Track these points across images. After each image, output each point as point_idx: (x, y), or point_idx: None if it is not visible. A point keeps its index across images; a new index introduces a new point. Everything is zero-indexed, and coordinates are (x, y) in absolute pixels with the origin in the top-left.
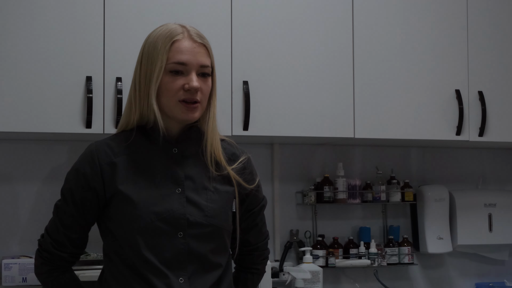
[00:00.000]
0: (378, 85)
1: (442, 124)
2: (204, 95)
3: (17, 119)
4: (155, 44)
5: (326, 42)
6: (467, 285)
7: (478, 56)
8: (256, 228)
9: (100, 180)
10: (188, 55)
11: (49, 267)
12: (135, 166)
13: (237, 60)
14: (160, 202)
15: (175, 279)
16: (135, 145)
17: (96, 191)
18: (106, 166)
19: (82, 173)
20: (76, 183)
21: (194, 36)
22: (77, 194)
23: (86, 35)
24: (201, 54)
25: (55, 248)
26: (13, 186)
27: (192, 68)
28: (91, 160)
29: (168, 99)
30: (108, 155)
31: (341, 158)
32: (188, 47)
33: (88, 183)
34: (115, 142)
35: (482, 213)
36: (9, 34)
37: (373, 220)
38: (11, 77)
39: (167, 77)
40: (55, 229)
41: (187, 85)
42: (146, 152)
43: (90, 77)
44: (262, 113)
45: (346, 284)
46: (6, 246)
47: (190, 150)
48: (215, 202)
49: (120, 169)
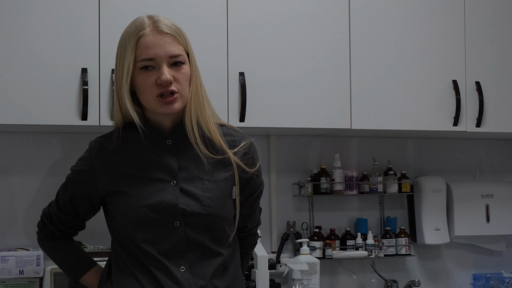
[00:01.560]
0: (375, 76)
1: (439, 114)
2: (181, 84)
3: (13, 111)
4: (124, 43)
5: (323, 33)
6: (464, 276)
7: (475, 46)
8: (254, 214)
9: (92, 178)
10: (155, 48)
11: (43, 233)
12: (130, 161)
13: (233, 51)
14: (154, 195)
15: (176, 268)
16: (128, 141)
17: (87, 187)
18: (98, 164)
19: (78, 170)
20: (73, 177)
21: (160, 26)
22: (71, 187)
23: (81, 26)
24: (168, 44)
25: (47, 218)
26: (8, 178)
27: (162, 61)
28: (87, 158)
29: (146, 96)
30: (101, 153)
31: (337, 149)
32: (153, 41)
33: (80, 180)
34: (109, 140)
35: (479, 204)
36: (4, 26)
37: (370, 212)
38: (6, 69)
39: (140, 75)
40: (53, 202)
41: (158, 80)
42: (139, 147)
43: (86, 69)
44: (258, 105)
45: (343, 276)
46: (2, 238)
47: (184, 141)
48: (211, 191)
49: (114, 166)
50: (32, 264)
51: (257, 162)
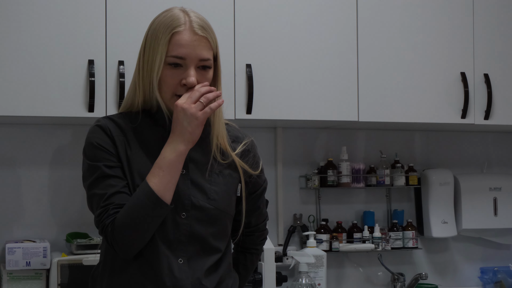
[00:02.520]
0: (383, 68)
1: (447, 107)
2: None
3: (20, 103)
4: (157, 34)
5: (330, 25)
6: (472, 269)
7: (484, 38)
8: (258, 210)
9: (115, 148)
10: (187, 49)
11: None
12: (141, 146)
13: (240, 43)
14: None
15: (174, 260)
16: (141, 126)
17: (114, 156)
18: (117, 139)
19: (99, 143)
20: (97, 152)
21: (195, 28)
22: (103, 159)
23: (88, 18)
24: (201, 47)
25: (102, 213)
26: (16, 170)
27: (191, 62)
28: (103, 132)
29: (166, 92)
30: (117, 130)
31: (344, 142)
32: (187, 41)
33: (106, 151)
34: (122, 120)
35: (487, 197)
36: (11, 17)
37: (377, 204)
38: (13, 61)
39: (166, 69)
40: (109, 188)
41: (184, 80)
42: (151, 134)
43: (92, 60)
44: (265, 97)
45: (350, 268)
46: (9, 230)
47: None
48: (218, 185)
49: (128, 147)
50: (39, 256)
51: (260, 162)
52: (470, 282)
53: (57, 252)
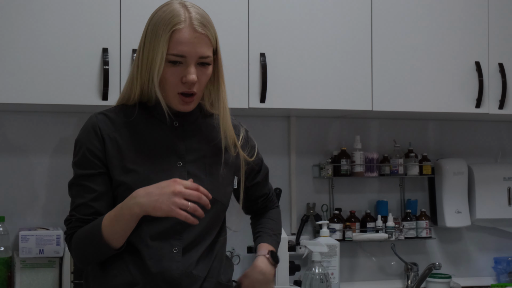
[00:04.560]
0: (397, 57)
1: (461, 96)
2: (201, 85)
3: (34, 91)
4: (157, 30)
5: (344, 13)
6: (486, 259)
7: (498, 28)
8: (267, 196)
9: (102, 150)
10: (188, 47)
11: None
12: (136, 139)
13: (254, 32)
14: (161, 175)
15: (169, 249)
16: (136, 119)
17: (101, 159)
18: (107, 137)
19: (86, 146)
20: (81, 157)
21: (196, 25)
22: (85, 165)
23: (103, 6)
24: (201, 44)
25: (70, 219)
26: (29, 158)
27: (191, 60)
28: (93, 132)
29: (167, 90)
30: (109, 127)
31: (358, 131)
32: (188, 38)
33: (92, 155)
34: (116, 115)
35: (501, 187)
36: (26, 5)
37: (391, 194)
38: (28, 49)
39: (166, 67)
40: (79, 198)
41: (184, 78)
42: (146, 126)
43: (107, 48)
44: (279, 85)
45: (363, 258)
46: (23, 217)
47: (190, 124)
48: (213, 176)
49: (121, 142)
50: (52, 244)
51: (255, 148)
52: (484, 272)
53: None
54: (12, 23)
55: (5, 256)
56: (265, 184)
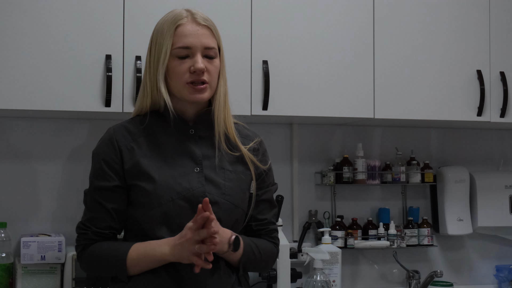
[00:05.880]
0: (399, 65)
1: (463, 104)
2: (212, 76)
3: (37, 97)
4: (161, 30)
5: (347, 22)
6: (487, 267)
7: (500, 36)
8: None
9: (120, 162)
10: (192, 38)
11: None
12: (154, 147)
13: (256, 39)
14: (180, 181)
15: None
16: (151, 127)
17: (117, 172)
18: (125, 149)
19: (103, 158)
20: (97, 169)
21: (198, 19)
22: (102, 177)
23: (106, 13)
24: (205, 36)
25: (83, 227)
26: (32, 164)
27: (197, 50)
28: (110, 144)
29: (176, 82)
30: (127, 138)
31: (360, 138)
32: (191, 30)
33: (109, 167)
34: (132, 125)
35: (502, 195)
36: (29, 12)
37: (393, 201)
38: (31, 55)
39: (174, 61)
40: (84, 211)
41: (192, 67)
42: (163, 134)
43: (110, 55)
44: (281, 93)
45: (364, 265)
46: (25, 223)
47: (205, 132)
48: (232, 181)
49: (139, 151)
50: (54, 250)
51: (268, 160)
52: (486, 280)
53: (72, 246)
54: (16, 29)
55: (6, 262)
56: (267, 208)
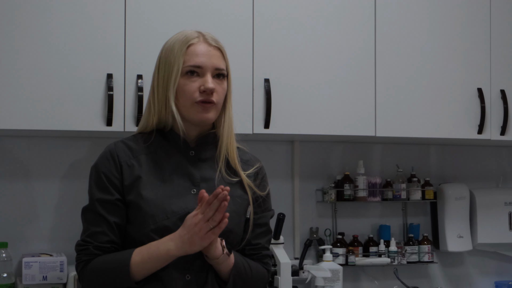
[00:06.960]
0: (400, 83)
1: (463, 122)
2: (219, 97)
3: (38, 117)
4: (172, 49)
5: (348, 40)
6: (487, 283)
7: (501, 54)
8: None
9: (119, 178)
10: (204, 57)
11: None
12: (153, 165)
13: (258, 58)
14: (176, 201)
15: (181, 276)
16: (153, 146)
17: (117, 187)
18: (125, 165)
19: (103, 172)
20: (98, 182)
21: (209, 40)
22: (101, 189)
23: (107, 32)
24: (216, 57)
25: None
26: (32, 183)
27: (207, 70)
28: (111, 159)
29: (185, 101)
30: (127, 154)
31: (361, 155)
32: (203, 50)
33: (109, 181)
34: (134, 142)
35: (502, 212)
36: (30, 30)
37: (393, 218)
38: (32, 74)
39: (183, 79)
40: (84, 227)
41: (202, 87)
42: (164, 153)
43: (111, 74)
44: (283, 111)
45: (366, 282)
46: (26, 243)
47: (206, 155)
48: (228, 205)
49: (139, 168)
50: (55, 270)
51: (267, 186)
52: None
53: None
54: (17, 48)
55: (8, 282)
56: (262, 233)
